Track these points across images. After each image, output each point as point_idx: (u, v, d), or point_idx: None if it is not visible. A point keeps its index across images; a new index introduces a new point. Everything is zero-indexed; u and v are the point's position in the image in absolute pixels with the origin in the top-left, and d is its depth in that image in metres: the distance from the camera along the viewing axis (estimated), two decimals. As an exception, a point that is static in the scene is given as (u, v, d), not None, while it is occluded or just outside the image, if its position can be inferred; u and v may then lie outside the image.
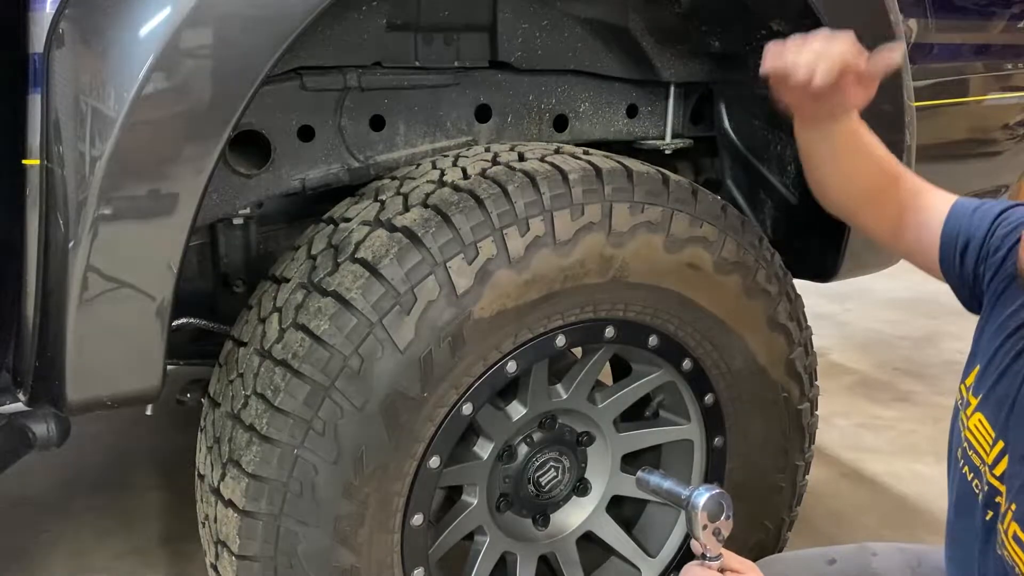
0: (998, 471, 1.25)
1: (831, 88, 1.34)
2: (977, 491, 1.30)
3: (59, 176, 1.24)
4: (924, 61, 2.14)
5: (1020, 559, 1.19)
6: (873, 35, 1.79)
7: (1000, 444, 1.26)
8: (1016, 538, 1.20)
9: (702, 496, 1.24)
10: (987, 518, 1.27)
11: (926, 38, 2.14)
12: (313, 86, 1.63)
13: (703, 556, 1.26)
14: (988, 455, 1.28)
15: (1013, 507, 1.20)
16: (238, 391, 1.47)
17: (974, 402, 1.33)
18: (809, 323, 1.84)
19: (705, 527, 1.23)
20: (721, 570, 1.25)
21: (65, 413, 1.38)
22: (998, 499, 1.25)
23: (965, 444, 1.34)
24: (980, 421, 1.31)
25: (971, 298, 1.40)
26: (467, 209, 1.44)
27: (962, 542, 1.34)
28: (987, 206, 1.39)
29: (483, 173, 1.51)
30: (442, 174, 1.55)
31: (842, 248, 1.92)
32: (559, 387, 1.70)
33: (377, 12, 1.62)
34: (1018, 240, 1.27)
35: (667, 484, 1.31)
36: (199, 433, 1.59)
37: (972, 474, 1.32)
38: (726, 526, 1.24)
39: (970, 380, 1.36)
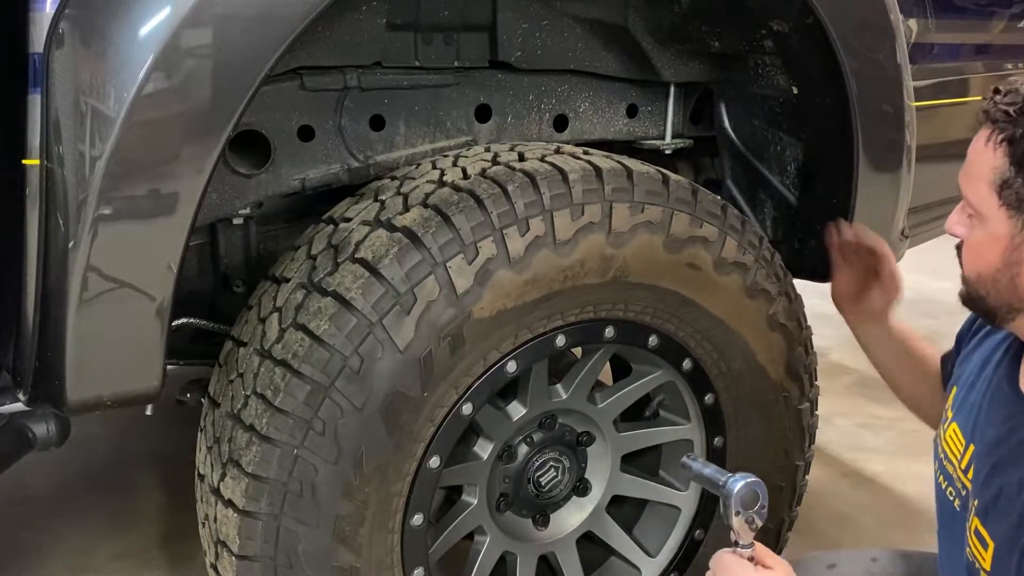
0: (970, 474, 1.28)
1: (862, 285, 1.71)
2: (951, 497, 1.35)
3: (59, 176, 1.24)
4: (924, 61, 2.14)
5: (979, 554, 1.21)
6: (873, 34, 1.80)
7: (971, 448, 1.30)
8: (977, 533, 1.22)
9: (738, 483, 1.24)
10: (965, 523, 1.29)
11: (926, 38, 2.14)
12: (313, 86, 1.63)
13: (735, 544, 1.26)
14: (961, 460, 1.32)
15: (975, 503, 1.22)
16: (238, 391, 1.47)
17: (951, 415, 1.39)
18: (809, 323, 1.84)
19: (738, 514, 1.24)
20: (751, 559, 1.25)
21: (65, 413, 1.38)
22: (970, 500, 1.27)
23: (942, 455, 1.39)
24: (954, 431, 1.36)
25: None
26: (467, 209, 1.44)
27: (948, 549, 1.37)
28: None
29: (483, 173, 1.51)
30: (442, 174, 1.55)
31: (842, 248, 1.92)
32: (559, 387, 1.70)
33: (377, 12, 1.62)
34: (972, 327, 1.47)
35: (708, 471, 1.32)
36: (199, 433, 1.59)
37: (946, 482, 1.37)
38: (760, 516, 1.25)
39: (948, 402, 1.43)
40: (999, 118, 1.17)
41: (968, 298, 1.26)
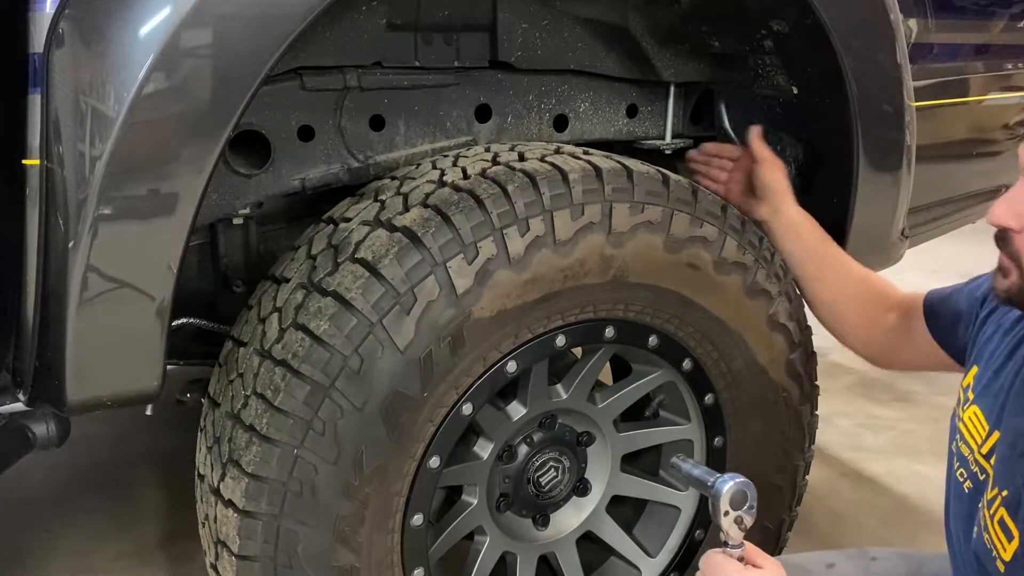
0: (993, 460, 1.27)
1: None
2: (962, 479, 1.34)
3: (59, 176, 1.24)
4: (924, 61, 2.14)
5: (1001, 543, 1.21)
6: (873, 34, 1.80)
7: (996, 434, 1.28)
8: (1001, 523, 1.21)
9: (726, 484, 1.25)
10: (979, 505, 1.28)
11: (926, 38, 2.14)
12: (313, 86, 1.63)
13: (725, 544, 1.26)
14: (983, 446, 1.31)
15: (1004, 493, 1.22)
16: (238, 391, 1.47)
17: (971, 397, 1.37)
18: (809, 323, 1.84)
19: (727, 514, 1.24)
20: (741, 559, 1.25)
21: (65, 413, 1.38)
22: (987, 486, 1.26)
23: (958, 437, 1.38)
24: (975, 414, 1.34)
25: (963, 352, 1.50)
26: (467, 209, 1.44)
27: (956, 527, 1.37)
28: (949, 290, 1.58)
29: (483, 173, 1.51)
30: (442, 174, 1.55)
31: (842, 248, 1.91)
32: (559, 387, 1.70)
33: (377, 12, 1.62)
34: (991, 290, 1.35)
35: (696, 471, 1.33)
36: (199, 433, 1.59)
37: (959, 463, 1.36)
38: (749, 516, 1.25)
39: (968, 380, 1.40)
40: None
41: (1021, 294, 1.21)
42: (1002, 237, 1.22)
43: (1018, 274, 1.21)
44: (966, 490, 1.32)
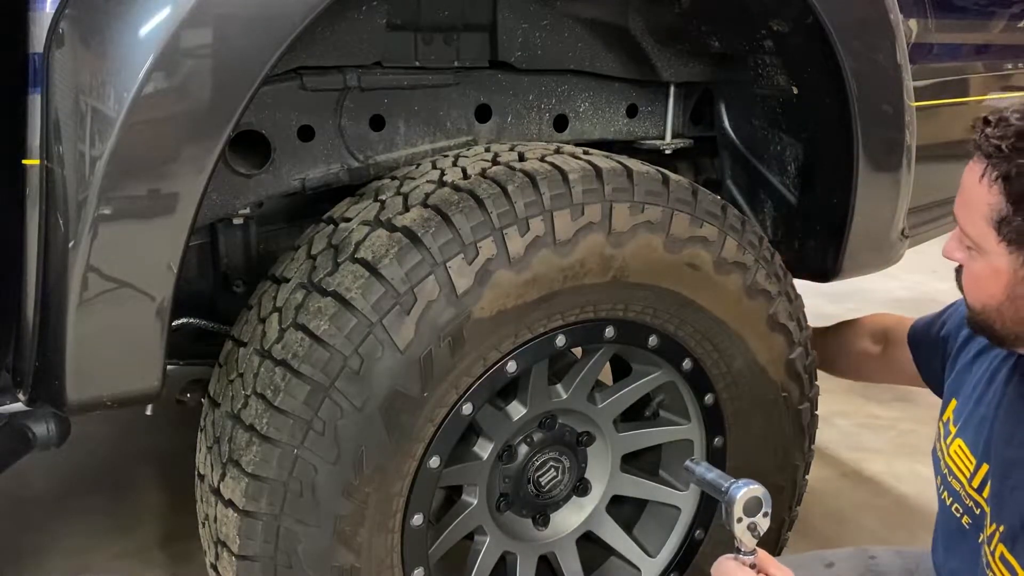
0: (986, 493, 1.26)
1: None
2: (958, 514, 1.33)
3: (59, 176, 1.24)
4: (924, 61, 2.14)
5: None
6: (873, 34, 1.80)
7: (984, 467, 1.28)
8: (1003, 559, 1.21)
9: (740, 490, 1.25)
10: (979, 540, 1.27)
11: (926, 38, 2.14)
12: (313, 86, 1.63)
13: (737, 550, 1.25)
14: (972, 479, 1.31)
15: (1001, 528, 1.21)
16: (238, 391, 1.47)
17: (953, 431, 1.38)
18: (809, 323, 1.84)
19: (740, 520, 1.23)
20: (753, 567, 1.24)
21: (65, 413, 1.38)
22: (986, 521, 1.26)
23: (946, 470, 1.38)
24: (960, 447, 1.35)
25: (941, 384, 1.56)
26: (467, 209, 1.44)
27: (954, 564, 1.36)
28: (931, 318, 1.66)
29: (483, 173, 1.51)
30: (442, 174, 1.55)
31: (842, 248, 1.92)
32: (559, 387, 1.70)
33: (377, 12, 1.62)
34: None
35: (711, 476, 1.32)
36: (199, 433, 1.59)
37: (952, 498, 1.35)
38: (763, 523, 1.24)
39: (948, 414, 1.42)
40: (991, 153, 1.15)
41: (975, 324, 1.26)
42: (958, 271, 1.29)
43: (967, 307, 1.29)
44: (966, 525, 1.31)
